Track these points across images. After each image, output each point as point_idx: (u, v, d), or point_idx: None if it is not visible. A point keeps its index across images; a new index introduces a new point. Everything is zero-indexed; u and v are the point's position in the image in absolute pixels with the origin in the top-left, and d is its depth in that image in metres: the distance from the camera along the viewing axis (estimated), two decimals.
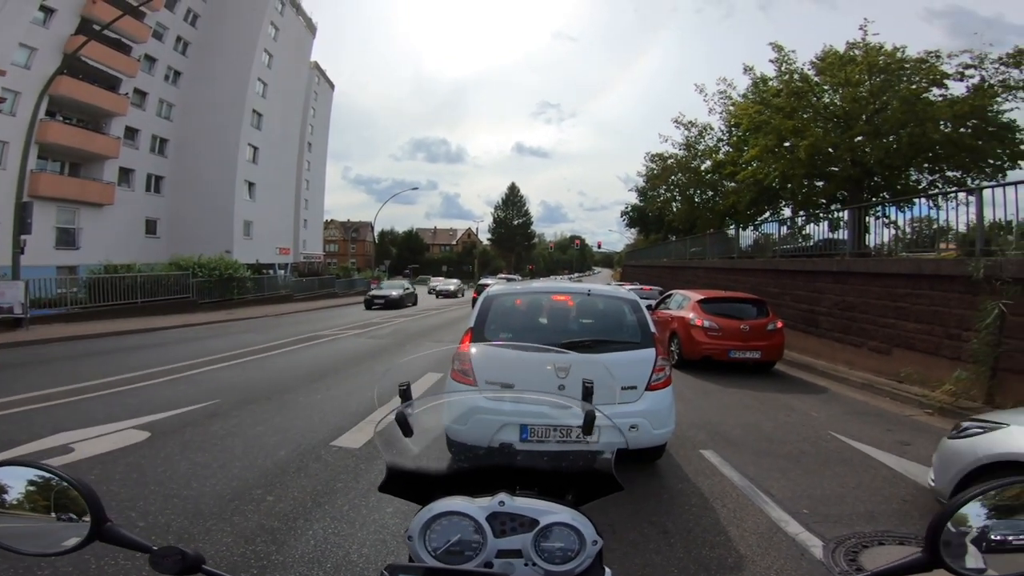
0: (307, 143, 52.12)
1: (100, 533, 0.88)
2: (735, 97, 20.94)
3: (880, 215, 12.68)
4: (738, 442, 5.39)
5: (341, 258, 77.43)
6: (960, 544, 0.83)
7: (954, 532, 0.83)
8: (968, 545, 0.83)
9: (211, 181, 34.32)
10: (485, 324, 4.34)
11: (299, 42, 44.41)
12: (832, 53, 16.55)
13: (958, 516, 0.84)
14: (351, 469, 4.36)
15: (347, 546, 3.12)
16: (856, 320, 10.12)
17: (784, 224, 17.09)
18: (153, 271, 20.05)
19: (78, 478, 0.90)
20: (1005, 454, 3.16)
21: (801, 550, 3.19)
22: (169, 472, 4.23)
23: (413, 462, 1.19)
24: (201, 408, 6.19)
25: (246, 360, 9.83)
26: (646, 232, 44.04)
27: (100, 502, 0.89)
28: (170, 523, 3.36)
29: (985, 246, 7.91)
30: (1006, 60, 14.02)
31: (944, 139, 14.54)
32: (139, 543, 0.89)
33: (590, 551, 1.00)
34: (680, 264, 25.40)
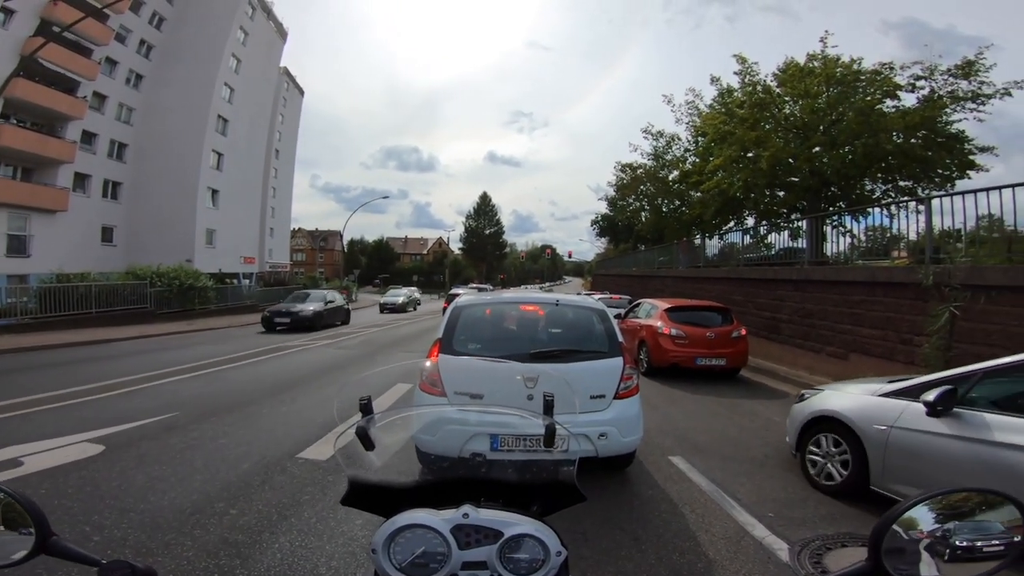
0: (275, 150, 51.18)
1: (45, 547, 0.87)
2: (702, 108, 21.48)
3: (837, 224, 13.13)
4: (705, 448, 5.48)
5: (309, 267, 76.00)
6: (913, 551, 0.85)
7: (906, 539, 0.85)
8: (920, 551, 0.85)
9: (172, 188, 33.31)
10: (454, 335, 4.32)
11: (269, 47, 43.71)
12: (793, 65, 17.02)
13: (909, 521, 0.86)
14: (318, 481, 4.26)
15: (315, 559, 3.05)
16: (815, 327, 10.47)
17: (747, 234, 17.58)
18: (109, 280, 19.27)
19: (20, 492, 0.89)
20: (820, 410, 4.61)
21: (768, 553, 3.25)
22: (124, 486, 4.08)
23: (376, 475, 1.18)
24: (159, 421, 5.97)
25: (207, 372, 9.53)
26: (616, 242, 44.75)
27: (44, 516, 0.88)
28: (126, 537, 3.24)
29: (935, 254, 8.27)
30: (954, 71, 14.54)
31: (896, 149, 15.01)
32: (86, 556, 0.87)
33: (555, 562, 1.01)
34: (649, 273, 25.85)
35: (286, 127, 54.51)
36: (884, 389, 4.23)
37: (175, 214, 33.36)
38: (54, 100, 26.58)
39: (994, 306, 6.66)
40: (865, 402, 4.29)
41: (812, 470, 4.58)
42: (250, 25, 39.87)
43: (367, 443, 1.20)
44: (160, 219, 32.70)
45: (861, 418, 4.19)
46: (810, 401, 4.84)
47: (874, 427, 4.07)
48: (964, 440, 3.47)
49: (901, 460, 3.88)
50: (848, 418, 4.29)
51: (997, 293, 6.69)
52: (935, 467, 3.65)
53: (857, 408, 4.29)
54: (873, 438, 4.06)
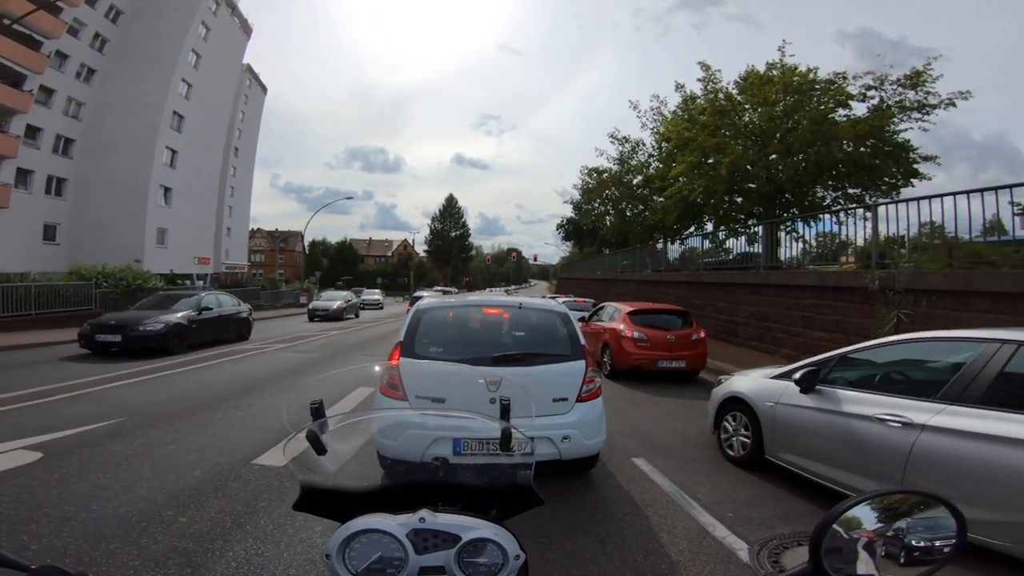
0: (234, 148, 49.72)
1: None
2: (666, 114, 21.90)
3: (790, 230, 13.56)
4: (667, 449, 5.55)
5: (268, 269, 73.95)
6: (851, 550, 0.86)
7: (845, 538, 0.86)
8: (859, 551, 0.86)
9: (122, 185, 31.97)
10: (415, 338, 4.25)
11: (232, 43, 42.50)
12: (753, 73, 17.44)
13: (850, 522, 0.87)
14: (275, 488, 4.11)
15: (272, 567, 2.95)
16: (770, 329, 10.82)
17: (707, 238, 18.02)
18: (51, 281, 18.23)
19: None
20: (729, 392, 5.34)
21: (728, 553, 3.31)
22: (65, 494, 3.87)
23: (330, 480, 1.16)
24: (102, 427, 5.66)
25: (156, 376, 9.09)
26: (581, 245, 45.23)
27: None
28: (67, 546, 3.08)
29: (880, 259, 8.66)
30: (903, 82, 15.13)
31: (846, 158, 15.53)
32: (14, 561, 0.82)
33: (513, 566, 1.00)
34: (612, 277, 26.23)
35: (247, 125, 53.07)
36: (775, 372, 4.99)
37: (124, 212, 32.04)
38: None
39: (935, 309, 7.02)
40: (760, 383, 5.03)
41: (725, 445, 5.31)
42: (213, 21, 38.76)
43: (318, 447, 1.18)
44: (108, 217, 31.36)
45: (757, 397, 4.92)
46: (724, 385, 5.58)
47: (765, 404, 4.79)
48: (824, 412, 4.15)
49: (783, 431, 4.58)
50: (748, 397, 5.02)
51: (938, 297, 7.05)
52: (806, 436, 4.33)
53: (754, 389, 5.04)
54: (765, 413, 4.78)
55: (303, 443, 1.17)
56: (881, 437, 3.61)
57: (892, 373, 4.07)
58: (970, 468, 3.10)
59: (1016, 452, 2.92)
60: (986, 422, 3.10)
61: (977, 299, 6.54)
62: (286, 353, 12.80)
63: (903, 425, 3.48)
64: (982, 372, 3.29)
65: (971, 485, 3.08)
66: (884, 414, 3.63)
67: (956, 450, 3.18)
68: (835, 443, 4.00)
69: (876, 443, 3.65)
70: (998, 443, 3.00)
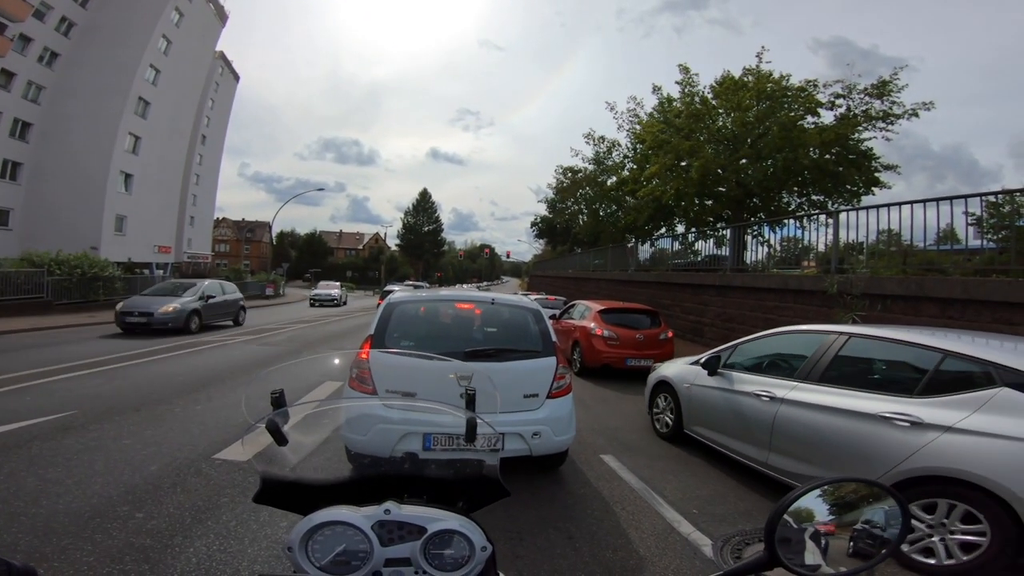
0: (201, 136, 48.17)
1: None
2: (642, 116, 22.07)
3: (756, 234, 13.84)
4: (634, 447, 5.63)
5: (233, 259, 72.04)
6: (799, 540, 0.87)
7: (795, 528, 0.87)
8: (807, 541, 0.87)
9: (80, 170, 30.70)
10: (386, 332, 4.20)
11: (205, 29, 41.20)
12: (729, 78, 17.64)
13: (801, 512, 0.88)
14: (238, 483, 4.01)
15: (236, 563, 2.87)
16: (735, 330, 11.05)
17: (677, 240, 18.30)
18: (0, 267, 17.35)
19: None
20: (658, 376, 6.20)
21: (694, 549, 3.37)
22: (13, 489, 3.70)
23: (291, 472, 1.13)
24: (52, 420, 5.42)
25: (111, 367, 8.74)
26: (554, 244, 45.45)
27: None
28: (17, 542, 2.97)
29: (839, 265, 8.96)
30: (870, 91, 15.48)
31: (812, 164, 15.85)
32: None
33: (480, 557, 1.00)
34: (584, 275, 26.43)
35: (216, 112, 51.51)
36: (693, 359, 5.79)
37: (81, 198, 30.80)
38: None
39: (889, 313, 7.30)
40: (681, 369, 5.88)
41: (655, 423, 6.19)
42: (186, 6, 37.62)
43: (279, 438, 1.15)
44: (64, 203, 30.12)
45: (678, 380, 5.77)
46: (657, 371, 6.43)
47: (683, 385, 5.64)
48: (721, 390, 4.99)
49: (695, 407, 5.42)
50: (672, 380, 5.87)
51: (892, 301, 7.34)
52: (709, 411, 5.16)
53: (676, 373, 5.89)
54: (683, 393, 5.62)
55: (264, 435, 1.15)
56: (756, 409, 4.43)
57: (769, 358, 4.88)
58: (807, 432, 3.92)
59: (834, 418, 3.72)
60: (818, 395, 3.93)
61: (928, 304, 6.83)
62: (251, 346, 12.48)
63: (770, 399, 4.30)
64: (823, 357, 4.12)
65: (809, 446, 3.90)
66: (759, 390, 4.45)
67: (800, 418, 4.00)
68: (728, 415, 4.85)
69: (753, 414, 4.46)
70: (826, 412, 3.80)
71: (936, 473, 3.07)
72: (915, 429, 3.25)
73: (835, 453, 3.68)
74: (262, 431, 1.15)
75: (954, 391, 3.26)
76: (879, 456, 3.38)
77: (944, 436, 3.11)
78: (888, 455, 3.33)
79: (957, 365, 3.37)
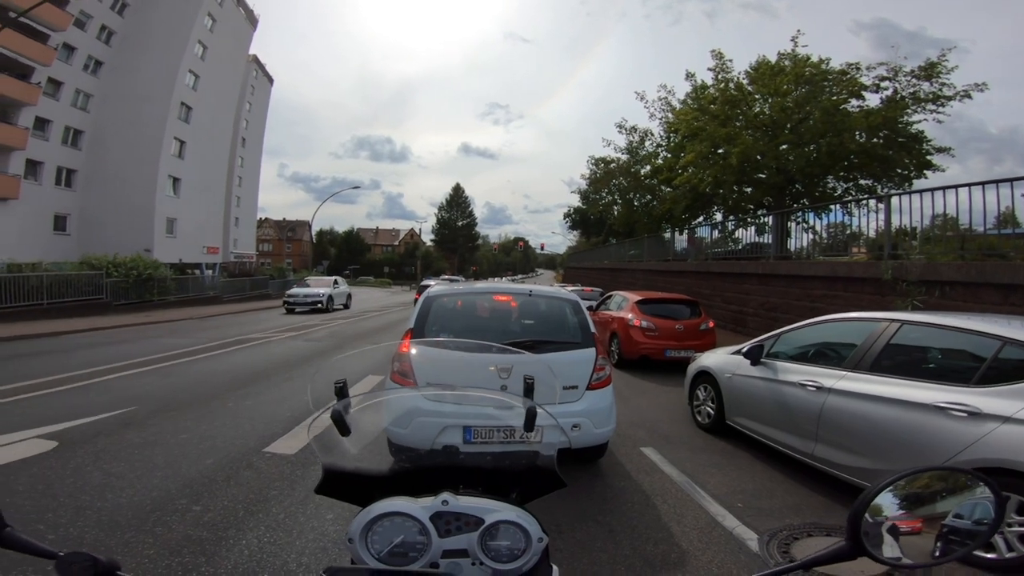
0: (241, 138, 49.78)
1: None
2: (675, 104, 21.67)
3: (800, 220, 13.46)
4: (675, 439, 5.55)
5: (276, 258, 74.30)
6: (877, 533, 0.86)
7: (871, 522, 0.86)
8: (884, 534, 0.86)
9: (131, 176, 32.11)
10: (425, 325, 4.26)
11: (237, 34, 42.36)
12: (764, 63, 17.30)
13: (873, 506, 0.86)
14: (286, 476, 4.15)
15: (284, 555, 2.97)
16: (780, 320, 10.73)
17: (716, 228, 17.89)
18: (62, 271, 18.36)
19: None
20: (699, 367, 6.13)
21: (738, 544, 3.30)
22: (80, 483, 3.90)
23: (351, 463, 1.14)
24: (115, 416, 5.72)
25: (167, 365, 9.18)
26: (588, 235, 45.09)
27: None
28: (83, 535, 3.11)
29: (892, 250, 8.58)
30: (917, 73, 15.01)
31: (859, 149, 15.41)
32: (42, 549, 0.82)
33: (536, 548, 1.00)
34: (620, 266, 26.14)
35: (253, 115, 53.08)
36: (735, 349, 5.66)
37: (133, 202, 32.22)
38: (5, 86, 25.58)
39: (947, 300, 6.96)
40: (722, 358, 5.79)
41: (696, 413, 6.11)
42: (218, 11, 38.67)
43: (343, 428, 1.16)
44: (117, 207, 31.54)
45: (719, 370, 5.68)
46: (696, 361, 6.35)
47: (725, 375, 5.54)
48: (764, 380, 4.87)
49: (737, 398, 5.33)
50: (712, 370, 5.78)
51: (950, 288, 6.98)
52: (752, 401, 5.06)
53: (717, 363, 5.80)
54: (724, 384, 5.53)
55: (325, 423, 1.16)
56: (802, 399, 4.32)
57: (815, 347, 4.79)
58: (856, 423, 3.79)
59: (886, 409, 3.58)
60: (869, 385, 3.80)
61: (988, 291, 6.47)
62: (295, 342, 12.88)
63: (817, 389, 4.18)
64: (873, 345, 3.99)
65: (859, 437, 3.76)
66: (804, 380, 4.34)
67: (849, 408, 3.87)
68: (772, 406, 4.75)
69: (798, 404, 4.36)
70: (878, 402, 3.65)
71: (995, 465, 2.93)
72: (972, 419, 3.12)
73: (887, 444, 3.56)
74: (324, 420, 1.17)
75: (1014, 380, 3.11)
76: (934, 447, 3.26)
77: (1003, 427, 2.98)
78: (943, 446, 3.21)
79: (1017, 353, 3.21)
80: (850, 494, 3.92)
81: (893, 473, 0.89)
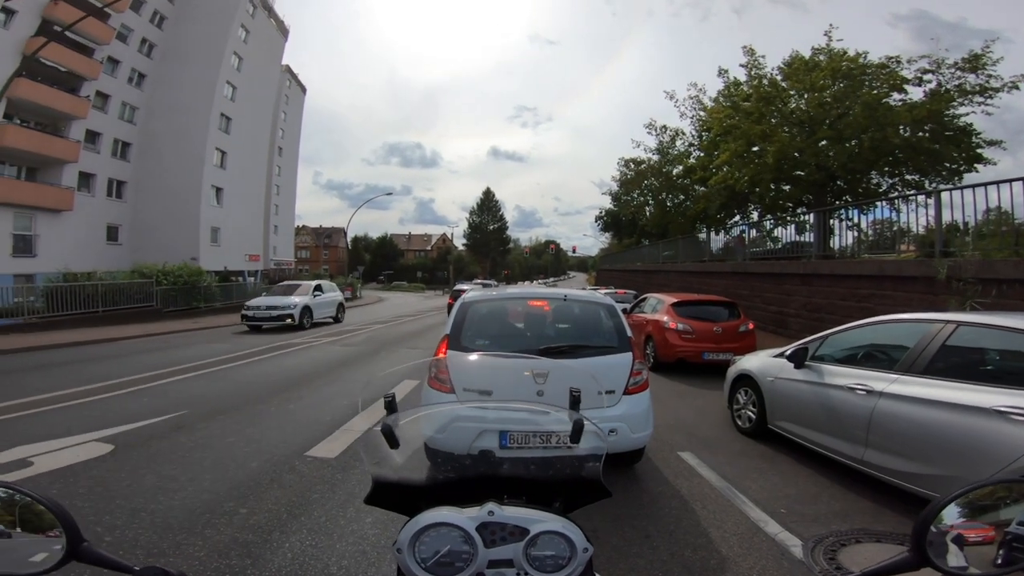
0: (277, 147, 51.26)
1: (77, 553, 0.85)
2: (706, 102, 21.31)
3: (843, 218, 13.05)
4: (714, 444, 5.45)
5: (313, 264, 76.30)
6: (942, 543, 0.84)
7: (935, 532, 0.85)
8: (949, 544, 0.85)
9: (176, 186, 33.37)
10: (461, 331, 4.30)
11: (270, 45, 43.62)
12: (798, 59, 16.95)
13: (949, 514, 0.86)
14: (327, 479, 4.26)
15: (326, 559, 3.04)
16: (824, 321, 10.40)
17: (753, 227, 17.47)
18: (115, 279, 19.34)
19: (48, 496, 0.86)
20: (739, 370, 6.02)
21: (781, 550, 3.22)
22: (135, 486, 4.08)
23: (398, 474, 1.17)
24: (167, 420, 5.98)
25: (214, 370, 9.55)
26: (620, 236, 44.60)
27: (74, 521, 0.85)
28: (138, 538, 3.24)
29: (944, 247, 8.21)
30: (961, 65, 14.49)
31: (903, 143, 14.98)
32: (119, 563, 0.85)
33: (581, 559, 1.00)
34: (653, 268, 25.77)
35: (289, 124, 54.57)
36: (777, 351, 5.57)
37: (179, 212, 33.42)
38: (57, 100, 26.63)
39: (1005, 299, 6.61)
40: (763, 361, 5.70)
41: (736, 418, 6.00)
42: (251, 23, 39.76)
43: (392, 441, 1.19)
44: (165, 217, 32.78)
45: (760, 373, 5.58)
46: (737, 364, 6.24)
47: (767, 379, 5.43)
48: (810, 384, 4.76)
49: (780, 402, 5.21)
50: (754, 374, 5.69)
51: (1008, 286, 6.64)
52: (796, 405, 4.95)
53: (759, 366, 5.69)
54: (766, 387, 5.41)
55: (374, 434, 1.20)
56: (851, 403, 4.20)
57: (864, 350, 4.67)
58: (910, 428, 3.66)
59: (941, 413, 3.46)
60: (926, 389, 3.65)
61: None
62: (334, 347, 13.19)
63: (867, 393, 4.06)
64: (927, 348, 3.85)
65: (913, 442, 3.64)
66: (853, 383, 4.22)
67: (902, 412, 3.74)
68: (817, 410, 4.65)
69: (847, 408, 4.24)
70: (934, 407, 3.53)
71: None
72: None
73: (942, 449, 3.44)
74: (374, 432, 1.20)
75: None
76: (992, 452, 3.12)
77: None
78: (1002, 451, 3.07)
79: None
80: (901, 500, 3.80)
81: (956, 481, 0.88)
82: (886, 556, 0.86)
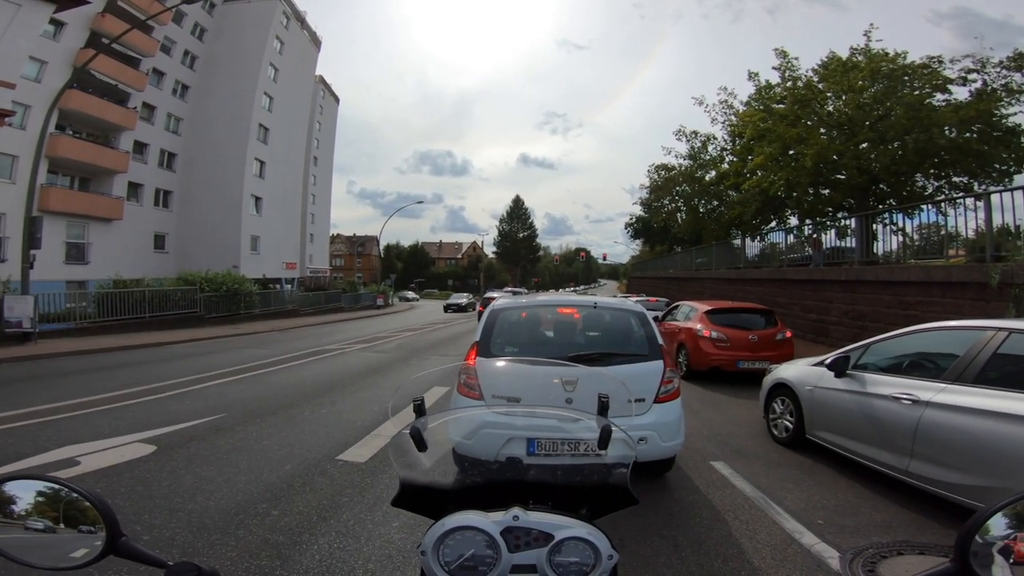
0: (313, 157, 52.56)
1: (115, 548, 0.87)
2: (737, 106, 20.92)
3: (888, 222, 12.58)
4: (749, 453, 5.32)
5: (347, 272, 77.77)
6: (987, 555, 0.82)
7: (980, 543, 0.82)
8: (995, 555, 0.82)
9: (218, 196, 34.60)
10: (491, 338, 4.31)
11: (304, 56, 44.90)
12: (835, 59, 16.53)
13: (990, 527, 0.83)
14: (357, 484, 4.32)
15: (352, 561, 3.08)
16: (868, 329, 10.01)
17: (791, 233, 16.99)
18: (162, 286, 20.15)
19: (92, 491, 0.89)
20: (776, 379, 5.91)
21: (817, 561, 3.12)
22: (174, 486, 4.21)
23: (426, 477, 1.18)
24: (207, 422, 6.17)
25: (252, 375, 9.83)
26: (651, 244, 44.07)
27: (115, 516, 0.88)
28: (175, 537, 3.34)
29: (995, 252, 7.83)
30: (1007, 64, 13.98)
31: (950, 144, 14.44)
32: (154, 558, 0.88)
33: (606, 566, 0.99)
34: (686, 275, 25.34)
35: (323, 134, 55.91)
36: (816, 360, 5.41)
37: (221, 221, 34.58)
38: (106, 111, 27.78)
39: None
40: (802, 370, 5.55)
41: (772, 427, 5.85)
42: (285, 35, 40.91)
43: (420, 444, 1.20)
44: (208, 226, 33.97)
45: (799, 382, 5.44)
46: (773, 373, 6.12)
47: (805, 388, 5.29)
48: (852, 393, 4.61)
49: (819, 411, 5.08)
50: (791, 383, 5.55)
51: None
52: (837, 415, 4.81)
53: (797, 375, 5.57)
54: (805, 396, 5.28)
55: (403, 438, 1.21)
56: (896, 413, 4.06)
57: (909, 358, 4.50)
58: (959, 438, 3.53)
59: (993, 423, 3.33)
60: (977, 399, 3.52)
61: None
62: (366, 353, 13.41)
63: (912, 402, 3.92)
64: (978, 356, 3.72)
65: (962, 453, 3.51)
66: (898, 393, 4.08)
67: (952, 423, 3.60)
68: (859, 419, 4.49)
69: (891, 418, 4.10)
70: (985, 417, 3.40)
71: None
72: None
73: (993, 460, 3.32)
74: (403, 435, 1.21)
75: None
76: None
77: None
78: None
79: None
80: (946, 511, 3.65)
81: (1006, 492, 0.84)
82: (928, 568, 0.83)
